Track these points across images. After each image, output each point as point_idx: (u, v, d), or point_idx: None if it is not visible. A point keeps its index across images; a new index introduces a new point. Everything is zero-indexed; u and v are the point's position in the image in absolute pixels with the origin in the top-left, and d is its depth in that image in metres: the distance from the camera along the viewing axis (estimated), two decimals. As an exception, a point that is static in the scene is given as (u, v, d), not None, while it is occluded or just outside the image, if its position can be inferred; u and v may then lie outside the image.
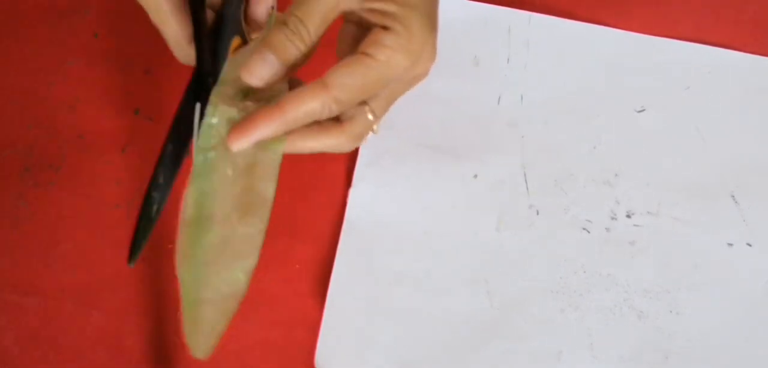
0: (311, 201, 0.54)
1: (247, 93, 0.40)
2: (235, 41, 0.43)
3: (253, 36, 0.44)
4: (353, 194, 0.54)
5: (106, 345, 0.52)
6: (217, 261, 0.39)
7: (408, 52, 0.39)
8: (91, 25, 0.59)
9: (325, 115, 0.39)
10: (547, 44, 0.57)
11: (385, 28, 0.39)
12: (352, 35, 0.42)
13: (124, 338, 0.52)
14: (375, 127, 0.42)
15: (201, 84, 0.42)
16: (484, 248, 0.52)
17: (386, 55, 0.39)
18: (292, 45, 0.39)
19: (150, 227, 0.42)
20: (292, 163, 0.49)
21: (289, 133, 0.40)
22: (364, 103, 0.42)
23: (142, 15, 0.44)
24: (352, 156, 0.55)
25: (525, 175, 0.54)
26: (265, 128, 0.38)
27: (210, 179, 0.39)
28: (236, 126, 0.38)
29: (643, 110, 0.55)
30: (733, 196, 0.53)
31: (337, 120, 0.42)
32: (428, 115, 0.55)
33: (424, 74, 0.42)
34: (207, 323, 0.39)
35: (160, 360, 0.51)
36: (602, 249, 0.52)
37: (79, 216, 0.54)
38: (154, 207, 0.42)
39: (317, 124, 0.41)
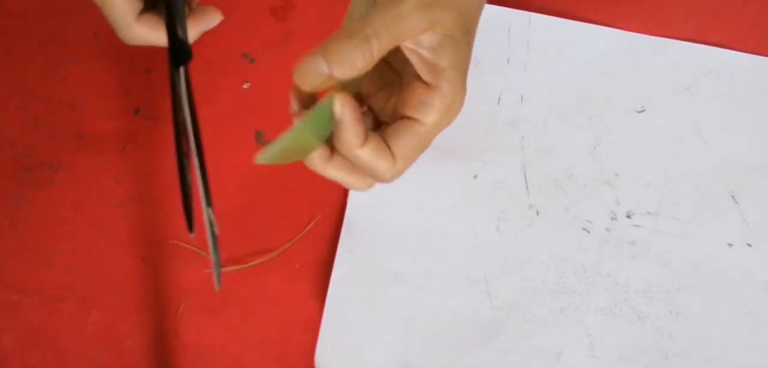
0: (311, 201, 0.54)
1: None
2: None
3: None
4: (353, 194, 0.54)
5: (106, 345, 0.52)
6: None
7: (450, 112, 0.40)
8: (91, 25, 0.59)
9: (386, 181, 0.41)
10: (547, 44, 0.57)
11: (428, 85, 0.39)
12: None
13: (124, 338, 0.52)
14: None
15: (181, 52, 0.41)
16: (484, 248, 0.52)
17: (433, 118, 0.39)
18: (356, 68, 0.38)
19: (190, 196, 0.42)
20: (292, 164, 0.50)
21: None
22: None
23: (142, 15, 0.44)
24: (352, 156, 0.55)
25: (525, 175, 0.54)
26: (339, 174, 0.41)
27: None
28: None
29: (643, 110, 0.55)
30: (733, 196, 0.53)
31: None
32: (428, 115, 0.55)
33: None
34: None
35: (160, 360, 0.51)
36: (602, 249, 0.52)
37: (79, 216, 0.54)
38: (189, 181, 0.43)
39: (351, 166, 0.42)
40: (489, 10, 0.58)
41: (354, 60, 0.38)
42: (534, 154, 0.54)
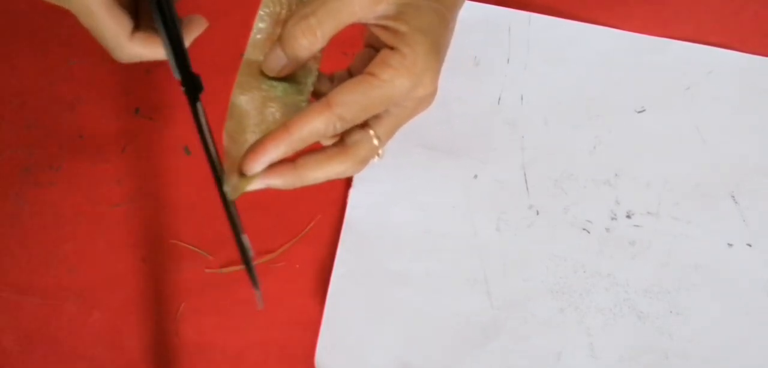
0: (311, 202, 0.54)
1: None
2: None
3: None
4: (353, 194, 0.54)
5: (106, 345, 0.52)
6: (273, 101, 0.42)
7: (411, 73, 0.40)
8: (91, 25, 0.59)
9: (330, 132, 0.40)
10: (547, 44, 0.57)
11: (392, 48, 0.40)
12: (369, 57, 0.43)
13: (124, 338, 0.52)
14: (380, 151, 0.43)
15: (194, 85, 0.41)
16: (484, 248, 0.52)
17: (389, 74, 0.39)
18: (302, 46, 0.40)
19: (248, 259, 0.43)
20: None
21: (298, 154, 0.41)
22: (368, 127, 0.42)
23: (142, 15, 0.43)
24: (352, 156, 0.55)
25: (525, 175, 0.54)
26: (275, 151, 0.40)
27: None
28: (249, 152, 0.40)
29: (643, 110, 0.55)
30: (733, 196, 0.53)
31: (342, 146, 0.42)
32: (428, 115, 0.55)
33: (427, 100, 0.43)
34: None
35: (160, 360, 0.51)
36: (602, 249, 0.52)
37: (79, 216, 0.54)
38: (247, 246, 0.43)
39: (323, 153, 0.42)
40: (489, 10, 0.58)
41: (297, 38, 0.40)
42: (534, 154, 0.54)
